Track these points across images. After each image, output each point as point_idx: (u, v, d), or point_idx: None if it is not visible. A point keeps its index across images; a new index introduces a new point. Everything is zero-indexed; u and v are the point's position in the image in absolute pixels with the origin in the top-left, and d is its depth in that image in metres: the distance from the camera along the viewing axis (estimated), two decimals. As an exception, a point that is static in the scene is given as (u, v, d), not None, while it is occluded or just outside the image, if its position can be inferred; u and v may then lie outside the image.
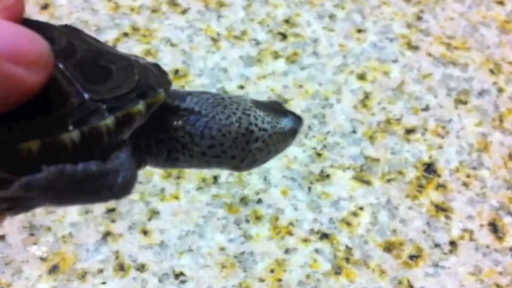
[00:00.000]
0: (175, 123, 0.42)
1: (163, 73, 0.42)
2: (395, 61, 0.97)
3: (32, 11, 0.96)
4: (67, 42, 0.37)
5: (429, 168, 0.86)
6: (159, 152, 0.43)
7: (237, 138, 0.43)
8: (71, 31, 0.39)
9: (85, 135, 0.34)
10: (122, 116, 0.36)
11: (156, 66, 0.43)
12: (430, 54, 0.98)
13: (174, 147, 0.42)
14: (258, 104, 0.46)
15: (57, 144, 0.34)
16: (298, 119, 0.47)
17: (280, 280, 0.76)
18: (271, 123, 0.45)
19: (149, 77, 0.40)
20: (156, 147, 0.43)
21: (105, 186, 0.35)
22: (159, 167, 0.45)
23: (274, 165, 0.84)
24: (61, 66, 0.35)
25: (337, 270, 0.77)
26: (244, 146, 0.43)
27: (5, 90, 0.30)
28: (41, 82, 0.31)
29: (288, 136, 0.46)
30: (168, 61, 0.94)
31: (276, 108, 0.47)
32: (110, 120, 0.35)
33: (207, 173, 0.83)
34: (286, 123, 0.46)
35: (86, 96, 0.35)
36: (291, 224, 0.80)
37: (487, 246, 0.80)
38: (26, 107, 0.32)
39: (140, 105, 0.37)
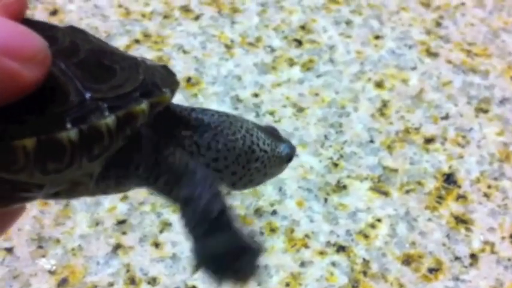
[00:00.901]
0: (183, 132, 0.42)
1: (171, 74, 0.42)
2: (414, 68, 0.97)
3: (41, 17, 0.96)
4: (70, 41, 0.37)
5: (449, 179, 0.85)
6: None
7: (240, 155, 0.43)
8: (75, 31, 0.38)
9: (84, 134, 0.34)
10: (123, 115, 0.36)
11: (164, 67, 0.42)
12: (449, 61, 0.98)
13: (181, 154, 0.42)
14: (258, 127, 0.46)
15: (53, 143, 0.33)
16: (292, 147, 0.48)
17: (295, 295, 0.75)
18: (270, 146, 0.45)
19: (155, 77, 0.39)
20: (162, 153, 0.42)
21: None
22: None
23: (290, 176, 0.83)
24: (62, 65, 0.35)
25: (354, 284, 0.76)
26: (245, 164, 0.44)
27: (0, 83, 0.30)
28: (37, 79, 0.32)
29: (283, 161, 0.47)
30: (180, 68, 0.93)
31: (273, 133, 0.48)
32: (110, 119, 0.35)
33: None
34: (283, 148, 0.46)
35: (87, 94, 0.34)
36: (307, 236, 0.79)
37: (509, 259, 0.79)
38: (24, 105, 0.32)
39: (143, 105, 0.37)
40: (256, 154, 0.44)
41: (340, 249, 0.78)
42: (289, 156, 0.47)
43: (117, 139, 0.36)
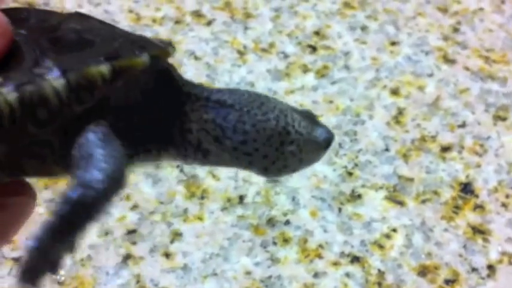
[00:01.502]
0: (205, 115, 0.41)
1: (164, 43, 0.40)
2: (430, 75, 0.96)
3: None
4: (58, 22, 0.35)
5: (466, 188, 0.84)
6: (185, 141, 0.41)
7: (272, 136, 0.41)
8: (74, 16, 0.37)
9: (25, 99, 0.32)
10: (77, 77, 0.33)
11: (165, 42, 0.40)
12: (467, 68, 0.97)
13: (205, 138, 0.41)
14: (294, 109, 0.44)
15: None
16: (330, 133, 0.45)
17: (308, 307, 0.75)
18: (307, 128, 0.43)
19: (135, 44, 0.37)
20: (181, 136, 0.41)
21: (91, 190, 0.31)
22: (188, 159, 0.43)
23: (303, 185, 0.83)
24: (32, 39, 0.34)
25: (369, 296, 0.76)
26: (278, 146, 0.42)
27: None
28: None
29: (321, 147, 0.44)
30: (191, 75, 0.93)
31: (310, 117, 0.45)
32: (58, 82, 0.32)
33: (233, 192, 0.82)
34: (321, 132, 0.44)
35: (43, 62, 0.33)
36: (321, 246, 0.78)
37: (528, 271, 0.78)
38: None
39: (103, 67, 0.34)
40: (292, 136, 0.42)
41: (355, 259, 0.77)
42: (328, 142, 0.44)
43: (69, 104, 0.33)
